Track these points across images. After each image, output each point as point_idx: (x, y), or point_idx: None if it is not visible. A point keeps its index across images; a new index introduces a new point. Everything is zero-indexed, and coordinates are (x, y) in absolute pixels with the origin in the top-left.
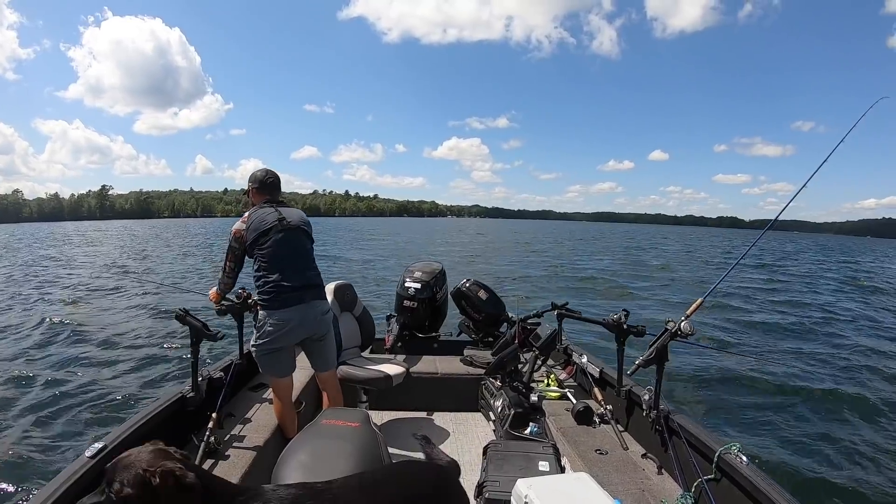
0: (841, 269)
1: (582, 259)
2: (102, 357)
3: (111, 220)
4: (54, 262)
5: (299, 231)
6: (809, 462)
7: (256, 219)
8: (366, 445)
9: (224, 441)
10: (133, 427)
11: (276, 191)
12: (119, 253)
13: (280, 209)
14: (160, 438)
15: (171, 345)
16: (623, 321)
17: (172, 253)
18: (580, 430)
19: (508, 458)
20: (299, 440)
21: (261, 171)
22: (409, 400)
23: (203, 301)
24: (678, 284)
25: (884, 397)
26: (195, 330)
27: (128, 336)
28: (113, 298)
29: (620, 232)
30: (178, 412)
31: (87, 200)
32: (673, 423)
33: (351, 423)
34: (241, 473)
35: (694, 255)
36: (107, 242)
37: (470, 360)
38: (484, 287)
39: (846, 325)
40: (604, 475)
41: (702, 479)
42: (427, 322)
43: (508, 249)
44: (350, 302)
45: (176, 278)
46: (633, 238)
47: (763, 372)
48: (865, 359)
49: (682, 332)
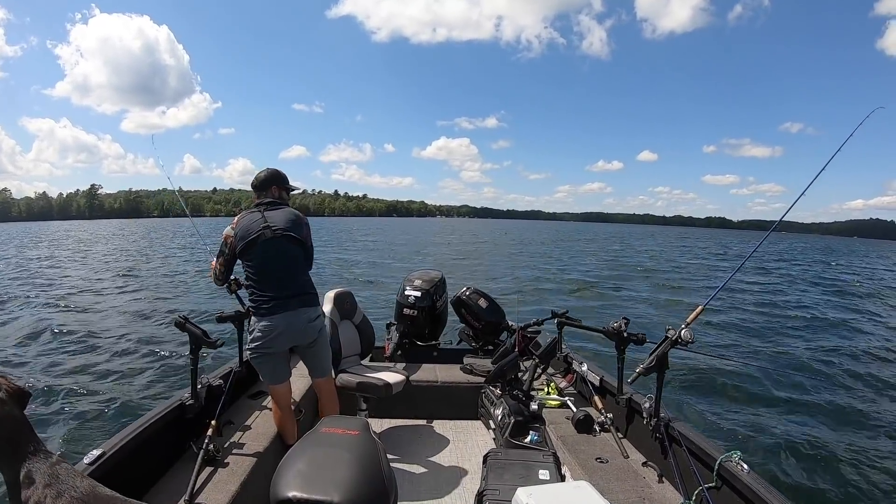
0: (838, 273)
1: (572, 259)
2: (101, 363)
3: (101, 219)
4: (50, 261)
5: (284, 238)
6: (810, 470)
7: (242, 227)
8: (365, 454)
9: (223, 449)
10: (132, 434)
11: (265, 191)
12: (120, 254)
13: (267, 213)
14: (159, 445)
15: (171, 352)
16: (623, 329)
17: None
18: (580, 438)
19: (508, 466)
20: (298, 448)
21: (261, 171)
22: (409, 408)
23: (203, 307)
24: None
25: (886, 407)
26: (195, 337)
27: (127, 342)
28: (113, 303)
29: (609, 232)
30: (177, 419)
31: (77, 200)
32: (673, 431)
33: (350, 432)
34: (239, 481)
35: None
36: (110, 242)
37: (470, 369)
38: (484, 295)
39: (846, 331)
40: (604, 483)
41: (702, 487)
42: (427, 330)
43: (504, 251)
44: (349, 310)
45: (175, 281)
46: (625, 238)
47: (763, 380)
48: (867, 366)
49: (683, 339)
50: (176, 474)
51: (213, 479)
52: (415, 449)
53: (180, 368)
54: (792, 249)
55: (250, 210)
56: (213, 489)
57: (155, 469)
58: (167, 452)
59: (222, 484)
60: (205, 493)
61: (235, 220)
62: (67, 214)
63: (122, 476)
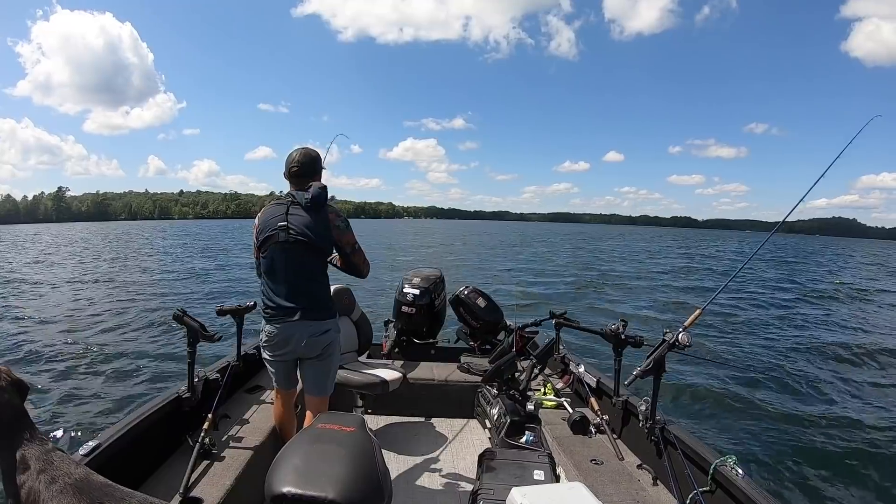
0: (824, 273)
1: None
2: (99, 356)
3: (68, 222)
4: (46, 262)
5: (299, 245)
6: (805, 475)
7: (264, 219)
8: (360, 450)
9: (219, 442)
10: (128, 426)
11: (299, 179)
12: (116, 253)
13: (291, 212)
14: (155, 438)
15: (168, 345)
16: (621, 331)
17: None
18: (576, 439)
19: (503, 466)
20: (294, 444)
21: (294, 150)
22: (406, 406)
23: (202, 301)
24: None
25: (883, 415)
26: (192, 330)
27: (124, 335)
28: (111, 297)
29: (575, 232)
30: (174, 412)
31: (44, 202)
32: (669, 435)
33: (346, 428)
34: (234, 475)
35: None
36: (104, 240)
37: (467, 368)
38: (482, 295)
39: (841, 333)
40: (599, 485)
41: (697, 490)
42: (425, 328)
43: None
44: (348, 306)
45: (172, 279)
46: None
47: (760, 384)
48: (862, 369)
49: (680, 343)
50: (171, 467)
51: (208, 473)
52: (411, 447)
53: (178, 361)
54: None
55: (279, 200)
56: (208, 483)
57: (150, 462)
58: (163, 445)
59: (217, 478)
60: (200, 486)
61: (263, 209)
62: (35, 217)
63: (117, 468)
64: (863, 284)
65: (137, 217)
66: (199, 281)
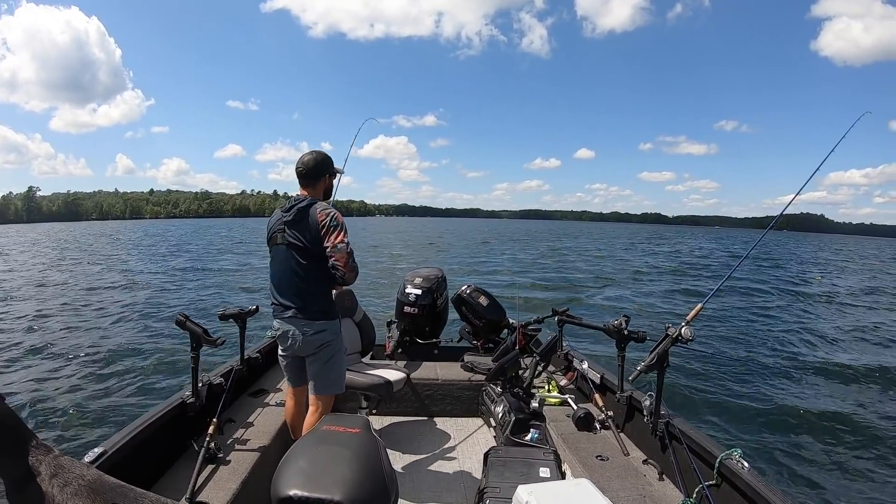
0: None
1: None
2: (102, 362)
3: (39, 223)
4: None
5: (293, 247)
6: (811, 467)
7: (269, 223)
8: (366, 452)
9: (224, 447)
10: (133, 432)
11: (305, 180)
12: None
13: (288, 216)
14: (160, 443)
15: (172, 350)
16: (624, 327)
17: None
18: (581, 436)
19: (509, 464)
20: (299, 446)
21: (306, 152)
22: (410, 406)
23: (204, 305)
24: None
25: (885, 408)
26: (195, 335)
27: (127, 341)
28: (112, 302)
29: (546, 229)
30: (178, 417)
31: (14, 203)
32: (674, 429)
33: (351, 430)
34: (240, 479)
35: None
36: (99, 241)
37: (470, 366)
38: (484, 293)
39: (842, 331)
40: (605, 481)
41: (703, 484)
42: (427, 328)
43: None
44: (350, 307)
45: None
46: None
47: (764, 377)
48: (868, 363)
49: (683, 337)
50: (177, 472)
51: (214, 477)
52: (416, 447)
53: (181, 366)
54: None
55: (284, 205)
56: (214, 487)
57: (156, 467)
58: (168, 451)
59: (223, 482)
60: (206, 491)
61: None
62: (5, 218)
63: (123, 474)
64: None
65: (108, 217)
66: (199, 284)
